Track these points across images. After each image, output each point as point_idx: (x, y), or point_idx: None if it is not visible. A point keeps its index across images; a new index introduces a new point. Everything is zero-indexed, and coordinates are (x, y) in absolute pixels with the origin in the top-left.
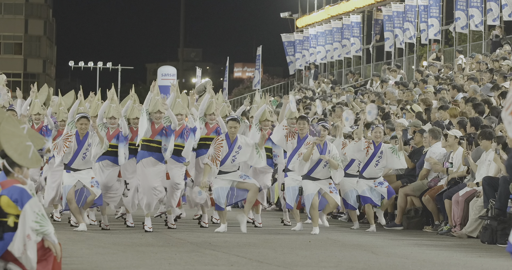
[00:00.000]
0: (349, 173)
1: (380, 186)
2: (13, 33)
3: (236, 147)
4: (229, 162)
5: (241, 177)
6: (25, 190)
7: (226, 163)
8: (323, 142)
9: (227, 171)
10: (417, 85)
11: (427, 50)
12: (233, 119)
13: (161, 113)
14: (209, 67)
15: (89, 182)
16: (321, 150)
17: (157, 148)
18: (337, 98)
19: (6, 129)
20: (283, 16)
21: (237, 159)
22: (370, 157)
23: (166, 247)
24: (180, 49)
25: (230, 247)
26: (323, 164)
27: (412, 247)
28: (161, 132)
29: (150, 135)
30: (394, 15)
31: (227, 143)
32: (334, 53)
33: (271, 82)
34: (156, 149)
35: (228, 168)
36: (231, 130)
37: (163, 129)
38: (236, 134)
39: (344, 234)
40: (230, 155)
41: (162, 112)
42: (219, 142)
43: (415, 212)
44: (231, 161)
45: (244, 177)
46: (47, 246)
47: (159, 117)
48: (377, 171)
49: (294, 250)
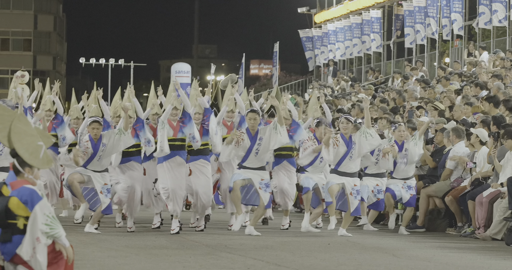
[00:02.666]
0: (368, 173)
1: (406, 191)
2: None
3: (258, 140)
4: (252, 156)
5: (260, 184)
6: (35, 191)
7: (250, 157)
8: (348, 135)
9: (252, 167)
10: (439, 82)
11: (450, 46)
12: (252, 110)
13: (177, 109)
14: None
15: (100, 187)
16: (347, 142)
17: (181, 146)
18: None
19: (18, 127)
20: (300, 11)
21: (260, 151)
22: None
23: (181, 249)
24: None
25: (247, 250)
26: (349, 157)
27: (435, 249)
28: (181, 128)
29: (172, 134)
30: (416, 10)
31: (248, 137)
32: (353, 49)
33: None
34: (180, 147)
35: (252, 163)
36: (251, 122)
37: (181, 123)
38: (256, 126)
39: (364, 236)
40: (253, 148)
41: (178, 108)
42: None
43: (438, 214)
44: (254, 154)
45: (263, 187)
46: (58, 249)
47: (175, 114)
48: (407, 170)
49: (313, 252)
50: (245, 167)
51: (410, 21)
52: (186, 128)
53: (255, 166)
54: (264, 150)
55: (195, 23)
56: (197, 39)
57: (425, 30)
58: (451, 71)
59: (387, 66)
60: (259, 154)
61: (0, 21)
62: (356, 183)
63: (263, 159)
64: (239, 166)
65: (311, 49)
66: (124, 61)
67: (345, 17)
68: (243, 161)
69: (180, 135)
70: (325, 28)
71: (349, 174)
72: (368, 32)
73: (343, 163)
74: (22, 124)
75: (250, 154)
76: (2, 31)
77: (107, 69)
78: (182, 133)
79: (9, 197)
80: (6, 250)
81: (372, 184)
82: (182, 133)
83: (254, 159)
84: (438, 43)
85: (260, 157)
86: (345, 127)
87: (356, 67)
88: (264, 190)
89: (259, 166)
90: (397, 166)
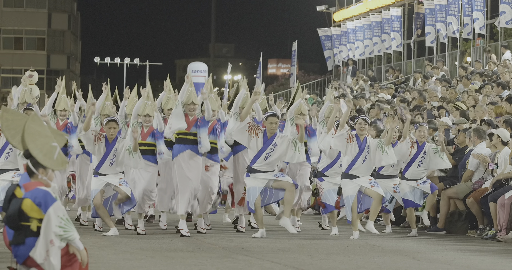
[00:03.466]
0: (383, 174)
1: (422, 184)
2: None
3: (271, 145)
4: (262, 159)
5: (275, 175)
6: (49, 193)
7: (259, 160)
8: (363, 137)
9: (262, 170)
10: (460, 82)
11: (471, 45)
12: (273, 114)
13: (195, 104)
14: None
15: (117, 181)
16: (361, 144)
17: (193, 140)
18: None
19: (32, 128)
20: (319, 10)
21: (271, 156)
22: (412, 158)
23: (197, 252)
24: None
25: (264, 253)
26: (361, 160)
27: (456, 252)
28: (196, 124)
29: (186, 127)
30: (437, 9)
31: (263, 139)
32: (373, 48)
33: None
34: (192, 142)
35: (262, 167)
36: (271, 127)
37: (198, 121)
38: (275, 131)
39: (384, 239)
40: (264, 152)
41: (196, 103)
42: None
43: (459, 216)
44: (264, 158)
45: (279, 175)
46: (72, 252)
47: (193, 108)
48: (420, 172)
49: (331, 255)
50: (254, 170)
51: (431, 20)
52: (200, 129)
53: (265, 170)
54: (275, 158)
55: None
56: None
57: (446, 29)
58: (472, 71)
59: (407, 65)
60: (269, 160)
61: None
62: (370, 178)
63: (273, 165)
64: (248, 169)
65: (330, 48)
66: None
67: (365, 16)
68: (253, 163)
69: (194, 130)
70: (344, 27)
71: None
72: (388, 30)
73: (355, 166)
74: (36, 125)
75: (260, 157)
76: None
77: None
78: (196, 128)
79: (22, 199)
80: (19, 253)
81: (389, 185)
82: (195, 128)
83: (263, 163)
84: (459, 42)
85: (270, 163)
86: (362, 128)
87: (376, 66)
88: (282, 175)
89: (269, 170)
90: (411, 166)
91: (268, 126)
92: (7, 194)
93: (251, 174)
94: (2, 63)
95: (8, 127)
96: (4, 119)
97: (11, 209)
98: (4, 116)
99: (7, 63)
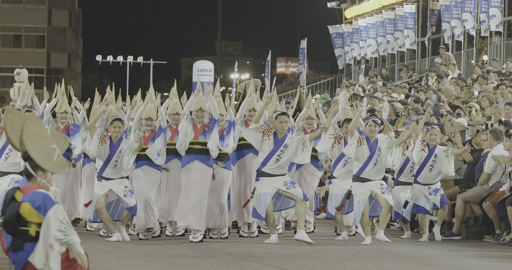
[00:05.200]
0: (401, 181)
1: (434, 194)
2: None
3: (282, 146)
4: (272, 161)
5: (286, 184)
6: (49, 196)
7: (269, 162)
8: (373, 139)
9: (272, 174)
10: (476, 81)
11: (488, 43)
12: (282, 113)
13: (203, 111)
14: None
15: (122, 191)
16: (371, 147)
17: (201, 150)
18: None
19: (30, 129)
20: (330, 6)
21: (281, 158)
22: (424, 161)
23: (203, 258)
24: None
25: (273, 259)
26: (373, 163)
27: (472, 258)
28: (204, 132)
29: (194, 136)
30: (452, 5)
31: (273, 140)
32: (386, 46)
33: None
34: (200, 151)
35: (272, 170)
36: (281, 126)
37: (206, 127)
38: (286, 130)
39: (397, 244)
40: (275, 153)
41: (204, 110)
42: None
43: (475, 221)
44: (275, 160)
45: (289, 185)
46: (72, 257)
47: (201, 115)
48: (433, 177)
49: (343, 262)
50: (264, 173)
51: (446, 17)
52: (210, 134)
53: (276, 173)
54: (285, 160)
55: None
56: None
57: (462, 26)
58: (488, 70)
59: (421, 64)
60: (280, 162)
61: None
62: (383, 182)
63: (284, 167)
64: (258, 172)
65: (341, 46)
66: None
67: (377, 12)
68: (263, 165)
69: (202, 139)
70: (356, 24)
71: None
72: (402, 28)
73: (366, 170)
74: (34, 126)
75: (270, 159)
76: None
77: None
78: (204, 137)
79: (20, 203)
80: (17, 259)
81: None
82: (204, 137)
83: (274, 165)
84: (476, 39)
85: (280, 165)
86: (372, 130)
87: (389, 65)
88: (293, 186)
89: (280, 174)
90: (423, 170)
91: (278, 125)
92: (6, 197)
93: (261, 178)
94: (0, 61)
95: (12, 129)
96: (8, 120)
97: (8, 214)
98: (8, 116)
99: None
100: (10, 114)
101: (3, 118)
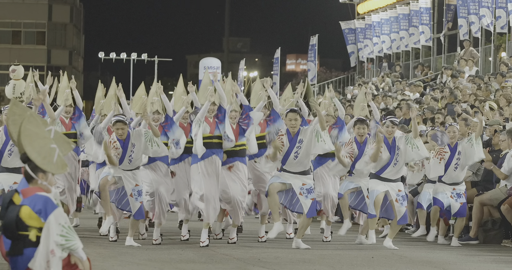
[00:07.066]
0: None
1: (455, 200)
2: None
3: (297, 142)
4: (291, 159)
5: (301, 189)
6: (50, 199)
7: (288, 160)
8: (391, 139)
9: (292, 171)
10: (494, 79)
11: (506, 39)
12: (293, 110)
13: (214, 105)
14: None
15: (130, 189)
16: (390, 148)
17: (218, 144)
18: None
19: (28, 129)
20: (342, 1)
21: (300, 154)
22: (447, 162)
23: (209, 263)
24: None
25: (282, 264)
26: (393, 164)
27: (489, 263)
28: (217, 124)
29: (209, 131)
30: (469, 0)
31: (287, 138)
32: (400, 43)
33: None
34: (218, 145)
35: (292, 167)
36: (292, 123)
37: (217, 119)
38: (297, 127)
39: (412, 249)
40: (292, 151)
41: (215, 103)
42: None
43: (493, 224)
44: (293, 157)
45: (304, 191)
46: (74, 263)
47: (213, 110)
48: (458, 175)
49: (355, 267)
50: (285, 170)
51: (463, 12)
52: (222, 125)
53: (296, 171)
54: (304, 155)
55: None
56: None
57: (479, 22)
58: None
59: (437, 61)
60: (299, 158)
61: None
62: (401, 188)
63: (305, 163)
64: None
65: (353, 43)
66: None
67: (391, 8)
68: (283, 164)
69: (217, 132)
70: (369, 20)
71: (392, 180)
72: (417, 24)
73: (387, 170)
74: (32, 126)
75: (289, 157)
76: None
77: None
78: (219, 130)
79: (20, 206)
80: (17, 265)
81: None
82: (218, 130)
83: (293, 163)
84: (494, 36)
85: (300, 161)
86: (390, 131)
87: (403, 62)
88: (305, 196)
89: (301, 171)
90: (447, 171)
91: (288, 123)
92: (4, 200)
93: (282, 172)
94: None
95: (14, 122)
96: (12, 113)
97: (8, 218)
98: (12, 109)
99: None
100: (14, 107)
101: (7, 110)
